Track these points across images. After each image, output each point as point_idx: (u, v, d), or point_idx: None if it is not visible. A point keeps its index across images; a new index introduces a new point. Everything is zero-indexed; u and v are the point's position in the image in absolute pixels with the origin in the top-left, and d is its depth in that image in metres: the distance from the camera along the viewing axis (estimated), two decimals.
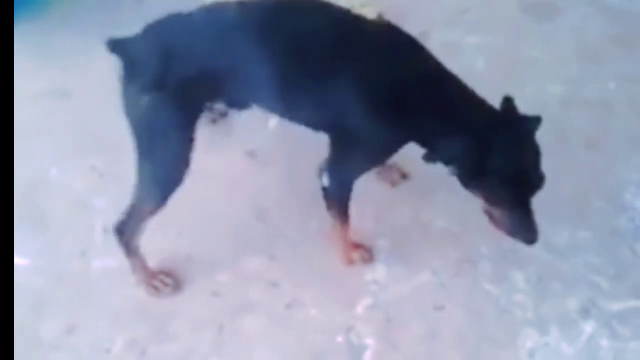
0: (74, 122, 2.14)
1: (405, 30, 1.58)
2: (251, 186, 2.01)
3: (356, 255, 1.84)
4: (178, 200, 1.63)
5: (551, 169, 1.98)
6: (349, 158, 1.63)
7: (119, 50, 1.51)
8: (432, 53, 1.57)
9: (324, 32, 1.52)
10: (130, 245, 1.72)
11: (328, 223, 1.78)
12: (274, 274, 1.84)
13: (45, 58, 2.34)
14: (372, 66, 1.50)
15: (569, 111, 2.18)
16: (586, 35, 2.40)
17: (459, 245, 1.86)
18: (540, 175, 1.51)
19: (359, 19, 1.59)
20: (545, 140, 2.02)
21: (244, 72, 1.52)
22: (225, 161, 1.97)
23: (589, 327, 1.75)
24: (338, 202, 1.73)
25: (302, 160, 1.74)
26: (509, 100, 1.53)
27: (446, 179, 1.55)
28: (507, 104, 1.53)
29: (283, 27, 1.52)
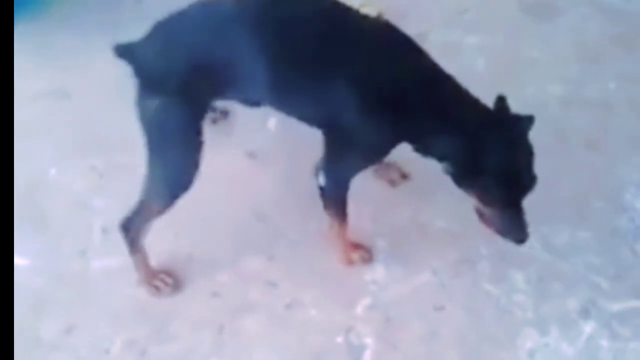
0: (73, 122, 2.14)
1: (405, 29, 1.58)
2: (251, 186, 2.01)
3: (355, 255, 1.84)
4: (177, 203, 1.63)
5: (551, 169, 1.98)
6: (344, 156, 1.63)
7: (126, 55, 1.51)
8: (428, 53, 1.56)
9: (321, 27, 1.52)
10: (135, 243, 1.72)
11: (327, 223, 1.77)
12: (274, 274, 1.84)
13: (45, 58, 2.34)
14: (367, 64, 1.50)
15: (568, 111, 2.18)
16: (586, 35, 2.40)
17: (458, 245, 1.86)
18: (532, 175, 1.51)
19: (358, 15, 1.59)
20: (545, 140, 2.02)
21: (244, 66, 1.52)
22: (225, 161, 1.97)
23: (589, 327, 1.75)
24: (335, 201, 1.73)
25: (302, 160, 1.74)
26: (501, 100, 1.53)
27: (445, 179, 1.55)
28: (500, 103, 1.53)
29: (281, 21, 1.51)
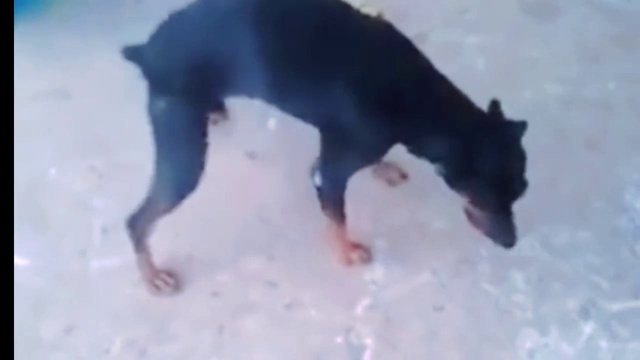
0: (73, 122, 2.14)
1: (405, 29, 1.58)
2: (251, 186, 2.01)
3: (354, 255, 1.84)
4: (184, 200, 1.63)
5: (551, 169, 2.00)
6: (340, 156, 1.63)
7: (134, 57, 1.52)
8: (425, 55, 1.56)
9: (321, 26, 1.52)
10: (141, 241, 1.72)
11: (326, 223, 1.77)
12: (274, 274, 1.84)
13: (45, 58, 2.34)
14: (365, 64, 1.50)
15: (568, 111, 2.18)
16: (586, 35, 2.40)
17: (457, 245, 1.85)
18: (523, 181, 1.51)
19: (358, 15, 1.58)
20: (545, 140, 2.04)
21: (245, 64, 1.52)
22: (225, 161, 1.96)
23: (589, 328, 1.75)
24: (332, 201, 1.73)
25: (302, 160, 1.74)
26: (495, 104, 1.53)
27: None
28: (494, 108, 1.53)
29: (281, 19, 1.51)
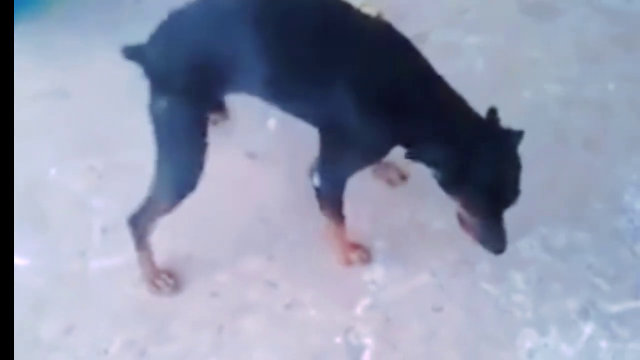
0: (73, 122, 2.14)
1: (405, 29, 1.58)
2: (251, 186, 2.01)
3: (354, 256, 1.84)
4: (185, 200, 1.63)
5: (550, 169, 2.00)
6: (339, 156, 1.63)
7: (135, 56, 1.52)
8: (425, 56, 1.56)
9: (321, 26, 1.52)
10: (142, 239, 1.72)
11: (324, 223, 1.77)
12: (273, 274, 1.84)
13: (45, 58, 2.33)
14: (365, 65, 1.50)
15: (568, 111, 2.18)
16: (586, 36, 2.40)
17: (457, 245, 1.85)
18: (517, 189, 1.51)
19: (359, 14, 1.58)
20: (545, 141, 2.04)
21: (245, 64, 1.52)
22: (225, 162, 1.96)
23: (588, 328, 1.75)
24: (331, 202, 1.73)
25: (302, 161, 1.74)
26: (493, 112, 1.53)
27: None
28: (492, 115, 1.53)
29: (281, 18, 1.51)
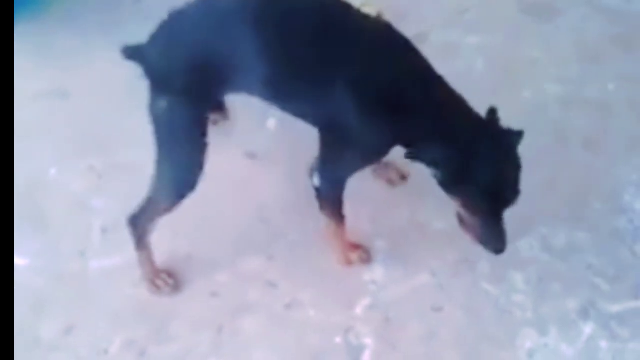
0: (73, 122, 2.14)
1: (405, 29, 1.58)
2: (251, 186, 2.01)
3: (354, 256, 1.84)
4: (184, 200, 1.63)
5: (550, 169, 2.00)
6: (339, 156, 1.63)
7: (135, 56, 1.52)
8: (425, 56, 1.56)
9: (321, 25, 1.51)
10: (142, 239, 1.72)
11: (323, 223, 1.77)
12: (273, 274, 1.84)
13: (45, 58, 2.33)
14: (365, 65, 1.49)
15: (568, 111, 2.17)
16: (586, 36, 2.40)
17: (457, 245, 1.85)
18: (517, 190, 1.51)
19: (359, 14, 1.58)
20: (545, 141, 2.04)
21: (245, 63, 1.52)
22: (225, 161, 1.96)
23: (588, 328, 1.75)
24: (331, 202, 1.73)
25: (302, 161, 1.74)
26: (493, 112, 1.53)
27: None
28: (492, 115, 1.53)
29: (281, 18, 1.51)
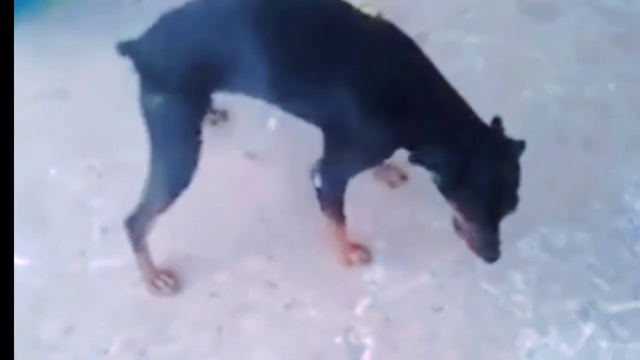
0: (73, 122, 2.14)
1: (405, 29, 1.58)
2: (251, 187, 2.01)
3: (354, 256, 1.84)
4: (177, 200, 1.63)
5: (550, 169, 2.00)
6: (340, 157, 1.63)
7: (130, 52, 1.52)
8: (428, 56, 1.56)
9: (321, 25, 1.51)
10: (139, 241, 1.72)
11: (324, 223, 1.77)
12: (273, 274, 1.84)
13: (45, 58, 2.34)
14: (367, 65, 1.49)
15: (568, 111, 2.18)
16: (586, 36, 2.40)
17: (457, 245, 1.83)
18: (514, 200, 1.51)
19: (359, 14, 1.58)
20: (545, 141, 2.04)
21: (244, 63, 1.52)
22: (225, 161, 1.97)
23: (588, 328, 1.75)
24: (332, 203, 1.73)
25: (302, 161, 1.74)
26: (497, 121, 1.53)
27: None
28: (496, 125, 1.53)
29: (281, 17, 1.51)
